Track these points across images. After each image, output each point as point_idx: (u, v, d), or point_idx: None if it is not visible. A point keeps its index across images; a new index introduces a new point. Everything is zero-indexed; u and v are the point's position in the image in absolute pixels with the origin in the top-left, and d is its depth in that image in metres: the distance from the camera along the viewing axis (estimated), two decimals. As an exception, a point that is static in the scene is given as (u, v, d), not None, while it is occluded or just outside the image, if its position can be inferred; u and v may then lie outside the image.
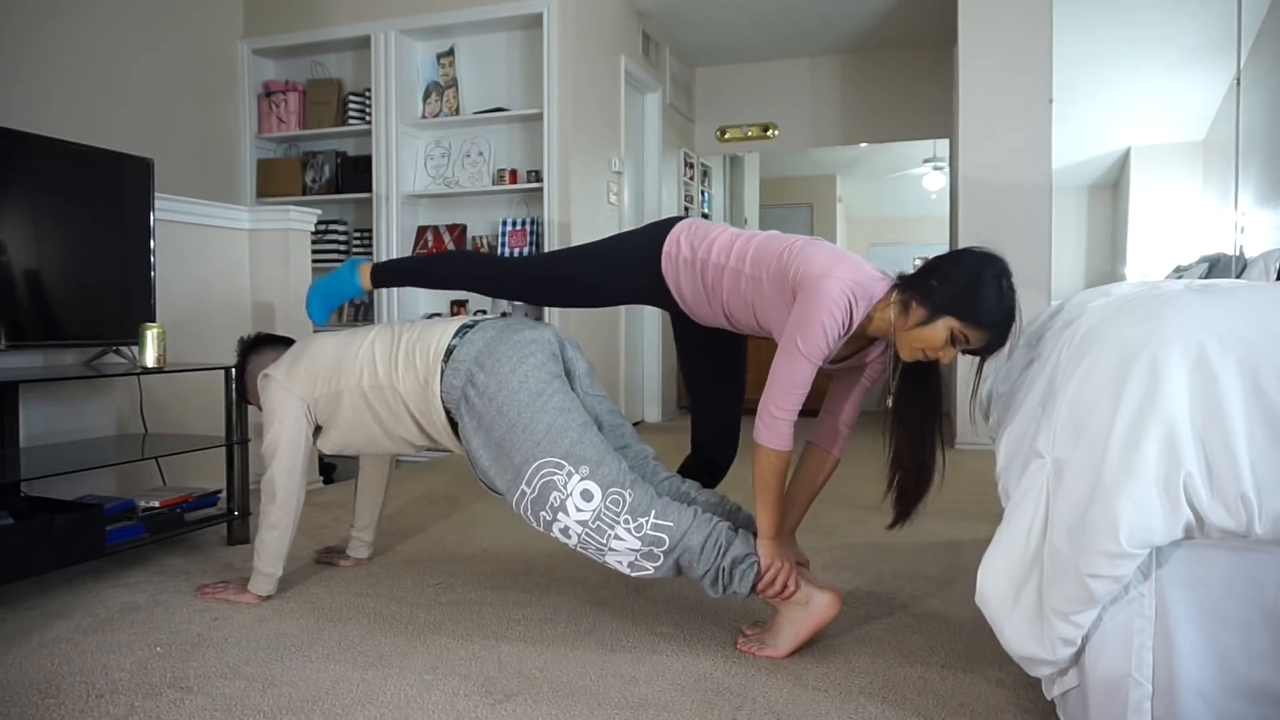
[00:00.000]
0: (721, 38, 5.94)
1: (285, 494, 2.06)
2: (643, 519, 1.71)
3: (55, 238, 2.61)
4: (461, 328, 1.94)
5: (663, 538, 1.71)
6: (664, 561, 1.72)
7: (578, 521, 1.72)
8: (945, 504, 3.20)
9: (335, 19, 4.79)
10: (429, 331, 1.97)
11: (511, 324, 1.95)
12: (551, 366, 1.88)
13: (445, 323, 1.99)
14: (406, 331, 2.00)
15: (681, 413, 6.19)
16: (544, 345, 1.90)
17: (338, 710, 1.55)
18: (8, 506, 2.25)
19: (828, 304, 1.67)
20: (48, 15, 3.78)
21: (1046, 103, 4.40)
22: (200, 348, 3.21)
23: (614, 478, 1.74)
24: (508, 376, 1.82)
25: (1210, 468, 1.13)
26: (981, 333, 1.66)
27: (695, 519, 1.74)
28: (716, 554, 1.73)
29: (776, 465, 1.73)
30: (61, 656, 1.79)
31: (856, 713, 1.54)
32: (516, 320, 1.98)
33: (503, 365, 1.83)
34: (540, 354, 1.88)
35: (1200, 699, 1.19)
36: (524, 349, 1.86)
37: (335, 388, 2.01)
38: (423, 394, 1.91)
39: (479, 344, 1.88)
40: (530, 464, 1.75)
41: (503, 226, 4.63)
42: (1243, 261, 3.65)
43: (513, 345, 1.87)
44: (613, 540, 1.72)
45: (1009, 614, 1.29)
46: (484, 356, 1.85)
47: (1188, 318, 1.21)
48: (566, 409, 1.80)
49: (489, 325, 1.94)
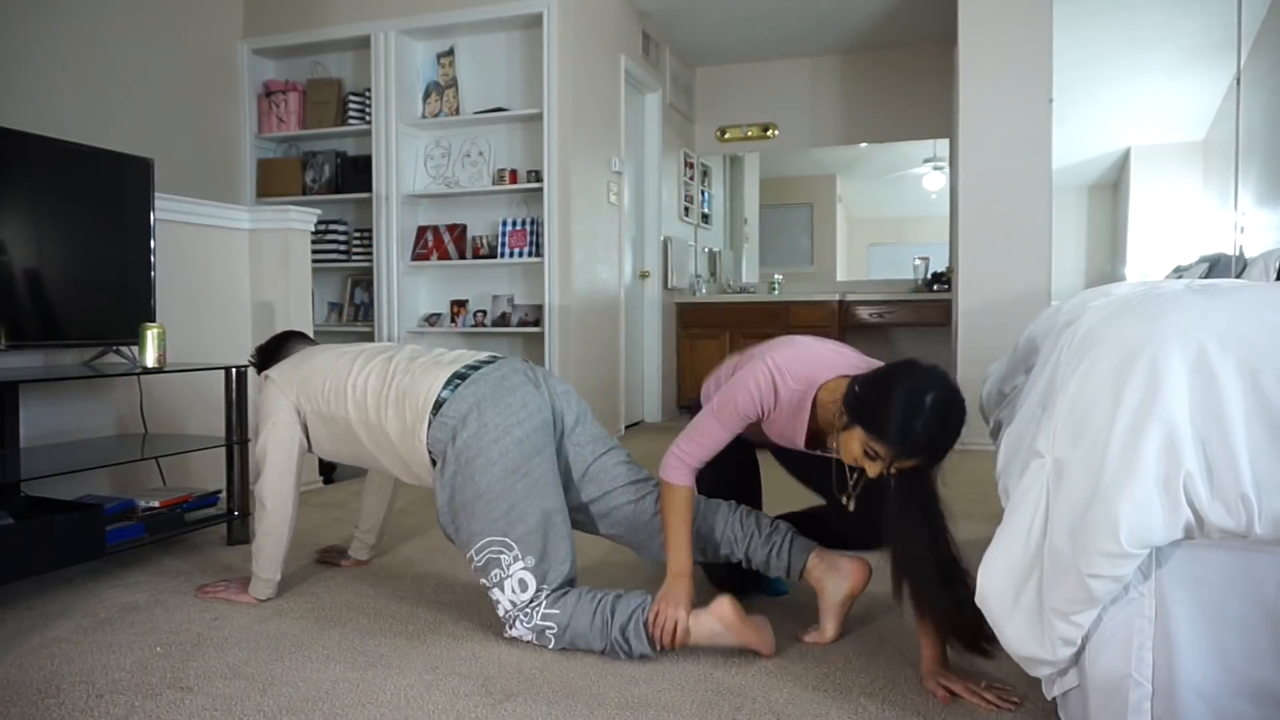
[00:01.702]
0: (721, 38, 5.94)
1: (278, 499, 2.05)
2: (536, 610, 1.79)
3: (55, 238, 2.61)
4: (454, 377, 1.90)
5: (550, 626, 1.79)
6: (557, 643, 1.79)
7: (510, 601, 1.80)
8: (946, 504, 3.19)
9: (335, 19, 4.79)
10: (422, 377, 1.92)
11: (506, 380, 1.89)
12: (536, 439, 1.85)
13: (438, 368, 1.93)
14: (400, 372, 1.96)
15: (681, 413, 6.19)
16: (535, 412, 1.87)
17: (338, 710, 1.55)
18: (8, 506, 2.25)
19: (751, 378, 1.77)
20: (48, 15, 3.78)
21: (1046, 103, 4.40)
22: (200, 348, 3.21)
23: (549, 579, 1.80)
24: (490, 445, 1.80)
25: (1210, 468, 1.13)
26: (889, 450, 1.54)
27: (578, 602, 1.78)
28: (604, 628, 1.75)
29: (674, 499, 1.80)
30: (62, 656, 1.79)
31: (856, 713, 1.54)
32: (510, 374, 1.92)
33: (488, 431, 1.81)
34: (529, 422, 1.85)
35: (1200, 699, 1.19)
36: (513, 414, 1.84)
37: (327, 410, 2.00)
38: (409, 440, 1.90)
39: (469, 401, 1.84)
40: (482, 538, 1.79)
41: (503, 226, 4.63)
42: (1243, 261, 3.65)
43: (503, 409, 1.84)
44: (520, 625, 1.81)
45: (1009, 614, 1.29)
46: (472, 416, 1.82)
47: (1188, 318, 1.21)
48: (534, 493, 1.81)
49: (483, 379, 1.88)
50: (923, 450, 1.55)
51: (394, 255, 4.67)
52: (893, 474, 1.58)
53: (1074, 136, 6.53)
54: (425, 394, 1.88)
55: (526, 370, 1.97)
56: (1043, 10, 4.39)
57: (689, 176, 6.38)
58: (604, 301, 4.95)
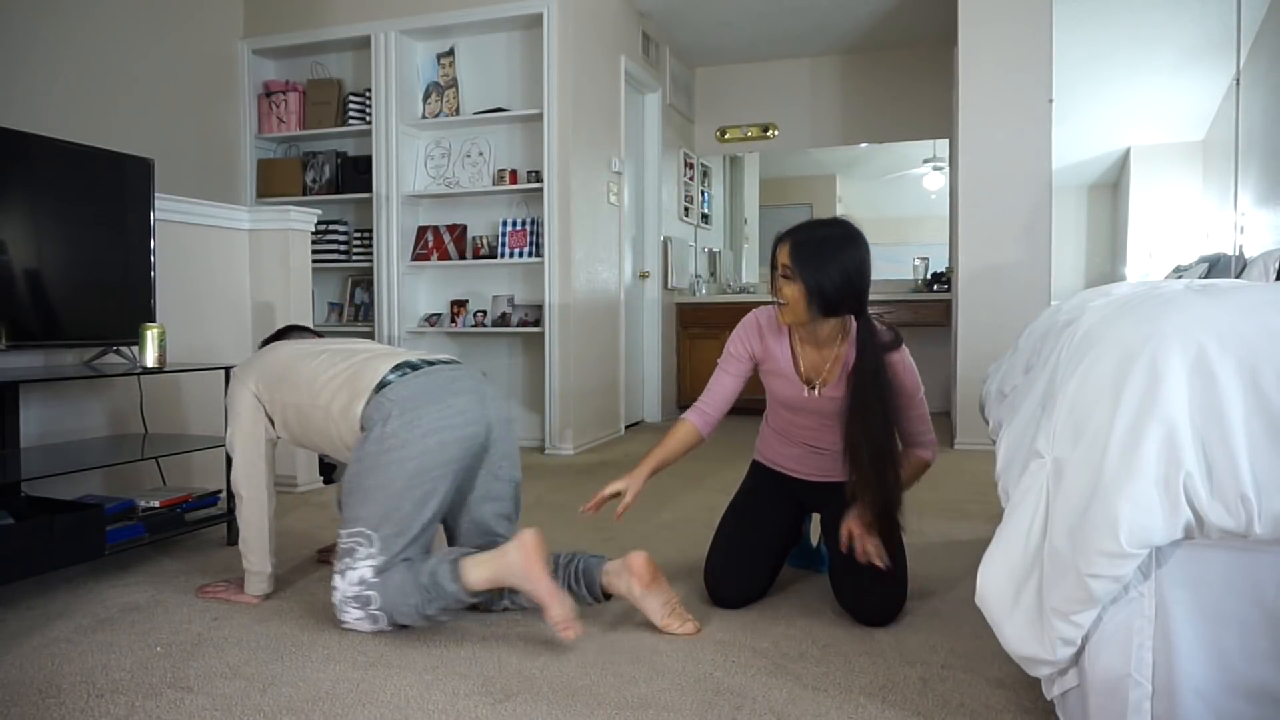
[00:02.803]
0: (721, 38, 5.94)
1: (250, 488, 2.09)
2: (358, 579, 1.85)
3: (55, 238, 2.61)
4: (405, 365, 1.95)
5: (372, 594, 1.83)
6: (380, 615, 1.84)
7: (343, 591, 1.85)
8: (945, 504, 3.20)
9: (335, 19, 4.79)
10: (373, 362, 1.97)
11: (455, 383, 1.94)
12: (455, 450, 1.88)
13: (392, 357, 2.00)
14: (357, 361, 2.00)
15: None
16: (469, 423, 1.91)
17: (338, 710, 1.55)
18: (8, 506, 2.25)
19: (740, 326, 2.16)
20: (48, 15, 3.78)
21: (1046, 103, 4.40)
22: (200, 348, 3.21)
23: (382, 566, 1.83)
24: (415, 440, 1.84)
25: (1210, 468, 1.13)
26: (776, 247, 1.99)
27: (399, 572, 1.82)
28: (417, 577, 1.79)
29: (675, 426, 2.19)
30: (62, 656, 1.79)
31: (856, 713, 1.54)
32: (462, 378, 1.96)
33: (418, 425, 1.84)
34: (459, 430, 1.88)
35: (1200, 699, 1.19)
36: (448, 418, 1.87)
37: (282, 397, 2.04)
38: (345, 414, 1.93)
39: (413, 389, 1.89)
40: (357, 524, 1.85)
41: (503, 227, 4.63)
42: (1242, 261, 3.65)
43: (441, 408, 1.88)
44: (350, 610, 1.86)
45: (1009, 614, 1.29)
46: (409, 404, 1.86)
47: (1187, 318, 1.21)
48: (423, 504, 1.85)
49: (433, 374, 1.94)
50: (787, 233, 1.98)
51: (394, 255, 4.67)
52: (784, 273, 1.95)
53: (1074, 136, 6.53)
54: (372, 375, 1.93)
55: (479, 384, 2.00)
56: (1043, 10, 4.39)
57: (689, 176, 6.38)
58: (604, 301, 4.95)
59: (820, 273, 1.91)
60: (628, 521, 2.96)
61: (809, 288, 1.92)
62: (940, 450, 2.19)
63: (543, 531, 1.82)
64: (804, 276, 1.92)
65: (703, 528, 2.70)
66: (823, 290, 1.92)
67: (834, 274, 1.91)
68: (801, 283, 1.93)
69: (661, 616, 1.89)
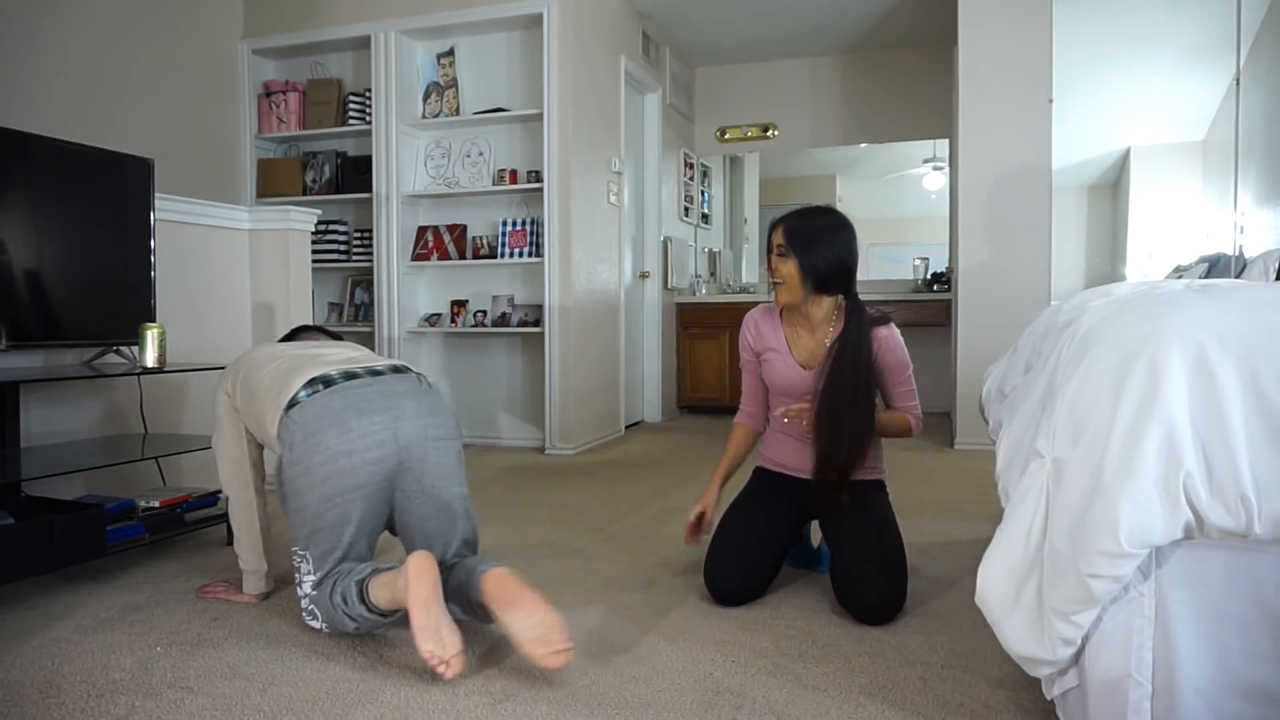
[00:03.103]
0: (721, 38, 5.94)
1: (235, 488, 2.10)
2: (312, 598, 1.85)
3: (55, 238, 2.61)
4: (319, 380, 1.85)
5: (313, 608, 1.85)
6: (322, 618, 1.83)
7: (304, 595, 1.87)
8: (945, 504, 3.20)
9: (335, 19, 4.79)
10: (297, 369, 1.90)
11: (364, 402, 1.83)
12: (360, 475, 1.79)
13: (314, 366, 1.91)
14: (293, 364, 1.94)
15: (681, 413, 6.19)
16: (372, 447, 1.80)
17: (338, 710, 1.55)
18: (8, 506, 2.25)
19: (741, 330, 2.34)
20: (47, 15, 3.78)
21: (1046, 103, 4.40)
22: (200, 348, 3.21)
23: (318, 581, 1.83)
24: (315, 468, 1.78)
25: (1210, 468, 1.13)
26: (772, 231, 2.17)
27: (327, 589, 1.81)
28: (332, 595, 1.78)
29: (730, 431, 2.38)
30: (62, 656, 1.79)
31: (856, 713, 1.54)
32: (375, 395, 1.85)
33: (317, 453, 1.78)
34: (361, 455, 1.79)
35: (1200, 699, 1.19)
36: (349, 442, 1.78)
37: (243, 404, 2.03)
38: (270, 428, 1.89)
39: (316, 411, 1.80)
40: (294, 543, 1.87)
41: (503, 227, 4.63)
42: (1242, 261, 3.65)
43: (342, 433, 1.78)
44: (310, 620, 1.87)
45: (1009, 614, 1.29)
46: (310, 428, 1.79)
47: (1187, 318, 1.21)
48: (342, 523, 1.80)
49: (341, 393, 1.83)
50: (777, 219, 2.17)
51: (394, 255, 4.67)
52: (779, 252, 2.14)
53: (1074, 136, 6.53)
54: (287, 388, 1.87)
55: (395, 400, 1.87)
56: (1043, 10, 4.39)
57: (689, 177, 6.38)
58: (604, 301, 4.95)
59: (814, 249, 2.11)
60: (629, 524, 2.97)
61: (803, 264, 2.11)
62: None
63: (432, 559, 1.66)
64: (798, 253, 2.11)
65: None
66: (815, 265, 2.10)
67: (825, 251, 2.11)
68: (796, 259, 2.11)
69: (524, 642, 1.61)
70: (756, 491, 2.29)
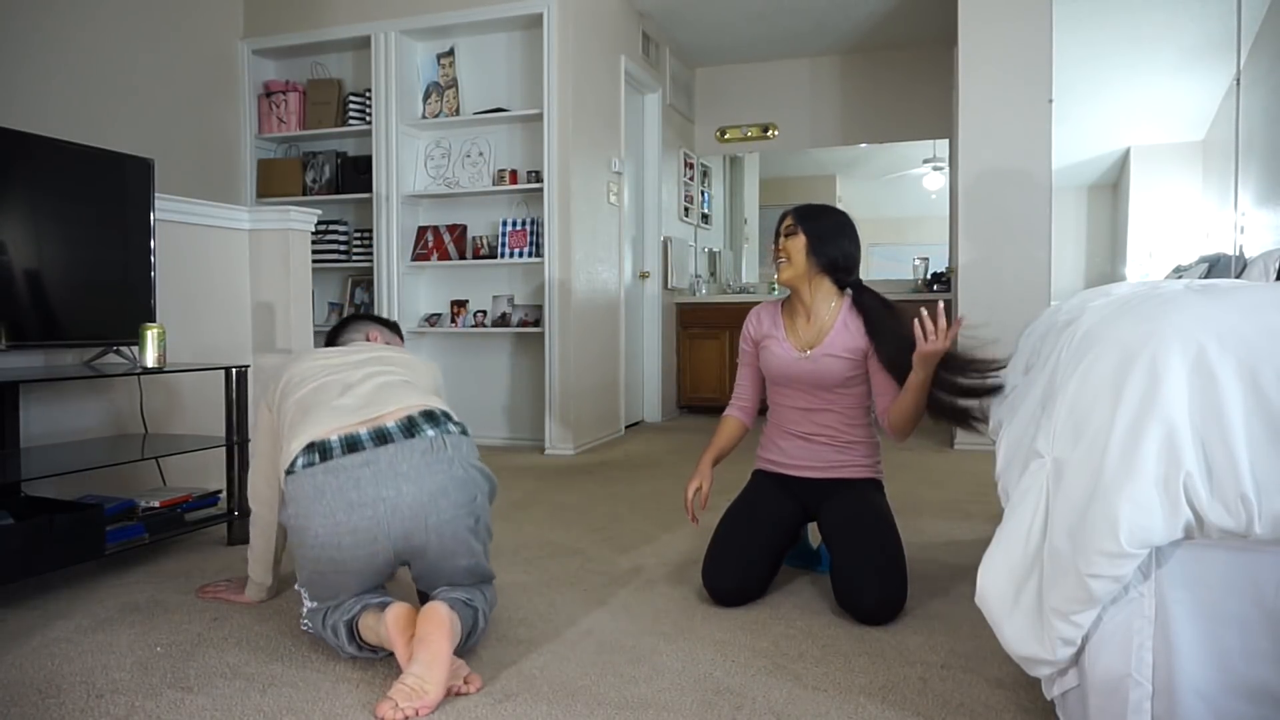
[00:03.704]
0: (721, 38, 5.94)
1: (259, 505, 2.05)
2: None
3: (55, 238, 2.61)
4: (312, 448, 1.70)
5: (313, 631, 1.81)
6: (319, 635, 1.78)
7: (304, 609, 1.82)
8: (945, 504, 3.20)
9: (335, 19, 4.79)
10: (305, 422, 1.76)
11: (356, 486, 1.66)
12: (352, 565, 1.69)
13: (318, 416, 1.76)
14: (316, 396, 1.83)
15: (681, 413, 6.19)
16: (363, 544, 1.67)
17: (338, 710, 1.55)
18: (8, 506, 2.25)
19: (744, 324, 2.39)
20: (48, 15, 3.78)
21: (1046, 103, 4.40)
22: (200, 348, 3.21)
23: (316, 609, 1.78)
24: (308, 546, 1.69)
25: (1210, 468, 1.13)
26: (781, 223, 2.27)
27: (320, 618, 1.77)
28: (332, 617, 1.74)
29: (721, 422, 2.39)
30: (62, 656, 1.79)
31: (856, 713, 1.54)
32: (366, 481, 1.67)
33: (308, 535, 1.68)
34: (354, 550, 1.68)
35: (1200, 699, 1.19)
36: (338, 538, 1.66)
37: (279, 419, 1.92)
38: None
39: (307, 491, 1.67)
40: (297, 573, 1.80)
41: (503, 227, 4.63)
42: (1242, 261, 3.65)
43: (330, 529, 1.66)
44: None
45: (1009, 614, 1.29)
46: (303, 507, 1.68)
47: (1187, 318, 1.21)
48: (337, 588, 1.74)
49: (334, 474, 1.67)
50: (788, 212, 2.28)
51: (394, 255, 4.67)
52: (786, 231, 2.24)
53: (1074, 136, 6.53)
54: (289, 446, 1.74)
55: (387, 489, 1.68)
56: (1043, 10, 4.39)
57: (689, 177, 6.38)
58: (604, 301, 4.95)
59: (820, 226, 2.21)
60: (629, 524, 2.97)
61: (809, 238, 2.20)
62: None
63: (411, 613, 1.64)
64: (805, 228, 2.21)
65: (703, 529, 2.70)
66: (822, 239, 2.20)
67: (831, 228, 2.22)
68: (803, 234, 2.20)
69: (398, 682, 1.53)
70: (755, 493, 2.29)
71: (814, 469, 2.25)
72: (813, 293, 2.24)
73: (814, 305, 2.24)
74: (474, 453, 1.83)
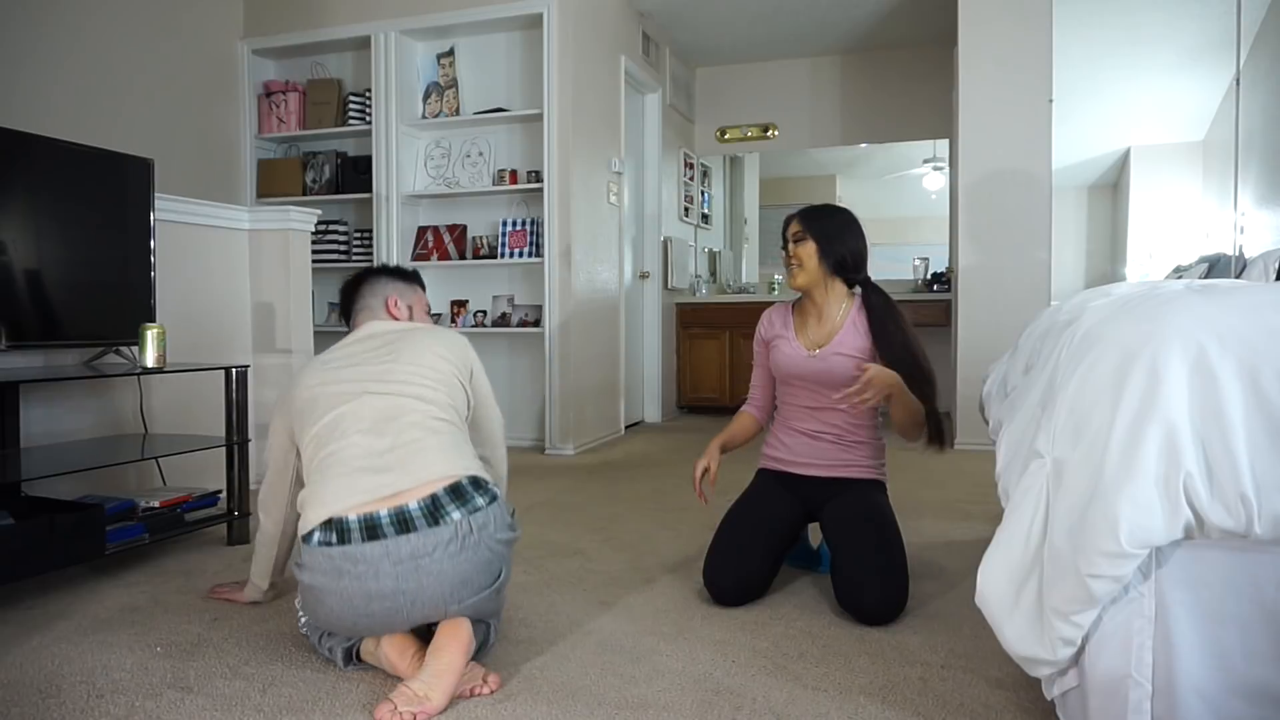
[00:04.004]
0: (721, 38, 5.94)
1: (265, 512, 2.00)
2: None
3: (55, 238, 2.61)
4: (329, 524, 1.61)
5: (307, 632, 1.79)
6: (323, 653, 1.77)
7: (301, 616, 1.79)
8: (945, 504, 3.20)
9: (335, 19, 4.79)
10: (328, 481, 1.66)
11: (374, 579, 1.57)
12: (368, 632, 1.66)
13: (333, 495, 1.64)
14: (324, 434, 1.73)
15: (681, 413, 6.19)
16: (377, 628, 1.63)
17: (338, 710, 1.55)
18: (8, 506, 2.25)
19: (757, 326, 2.43)
20: (48, 15, 3.78)
21: (1046, 103, 4.40)
22: (200, 348, 3.21)
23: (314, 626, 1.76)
24: (322, 613, 1.64)
25: (1210, 468, 1.13)
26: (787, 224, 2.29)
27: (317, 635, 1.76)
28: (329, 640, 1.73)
29: (739, 416, 2.42)
30: (62, 656, 1.79)
31: (856, 713, 1.54)
32: (388, 575, 1.57)
33: (320, 608, 1.63)
34: (368, 629, 1.64)
35: (1200, 699, 1.19)
36: (355, 624, 1.62)
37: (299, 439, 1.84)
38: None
39: (320, 575, 1.60)
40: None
41: (503, 227, 4.63)
42: (1242, 261, 3.65)
43: (348, 613, 1.60)
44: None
45: (1009, 614, 1.29)
46: (316, 588, 1.61)
47: (1188, 318, 1.21)
48: (343, 640, 1.72)
49: (350, 560, 1.58)
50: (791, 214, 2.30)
51: (394, 255, 4.67)
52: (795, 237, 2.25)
53: (1074, 136, 6.54)
54: (309, 516, 1.65)
55: (426, 570, 1.59)
56: (1043, 10, 4.39)
57: (689, 177, 6.38)
58: (604, 301, 4.95)
59: (829, 228, 2.24)
60: (629, 524, 2.97)
61: (819, 242, 2.22)
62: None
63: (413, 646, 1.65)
64: (814, 233, 2.23)
65: (703, 529, 2.70)
66: (831, 241, 2.22)
67: (839, 230, 2.24)
68: (813, 239, 2.23)
69: (405, 684, 1.54)
70: (758, 492, 2.29)
71: (818, 467, 2.25)
72: (826, 294, 2.27)
73: (826, 306, 2.27)
74: (503, 520, 1.71)
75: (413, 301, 2.12)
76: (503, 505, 1.74)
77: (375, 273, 2.13)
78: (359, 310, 2.07)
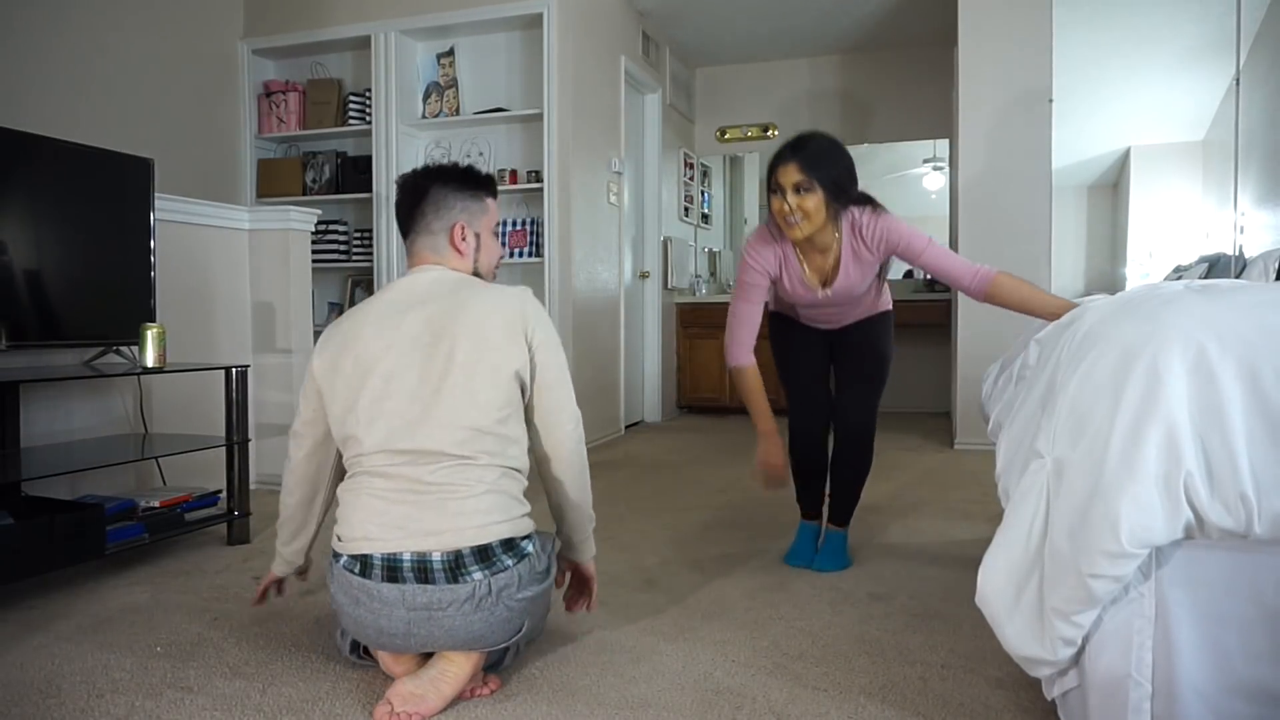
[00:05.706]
0: (721, 38, 5.94)
1: (293, 461, 1.79)
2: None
3: (55, 238, 2.61)
4: (360, 561, 1.57)
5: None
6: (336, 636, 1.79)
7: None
8: (945, 504, 3.20)
9: (335, 19, 4.79)
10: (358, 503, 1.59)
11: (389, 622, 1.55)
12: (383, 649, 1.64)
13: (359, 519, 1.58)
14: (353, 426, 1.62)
15: (681, 413, 6.19)
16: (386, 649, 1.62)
17: (338, 710, 1.55)
18: (8, 506, 2.25)
19: (748, 254, 2.29)
20: (48, 15, 3.78)
21: (1046, 103, 4.40)
22: (200, 348, 3.21)
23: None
24: (341, 618, 1.64)
25: (1210, 467, 1.13)
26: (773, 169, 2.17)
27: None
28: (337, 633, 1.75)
29: (738, 380, 2.32)
30: (62, 656, 1.79)
31: (856, 713, 1.54)
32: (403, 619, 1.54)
33: (342, 615, 1.62)
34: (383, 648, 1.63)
35: (1200, 699, 1.19)
36: (367, 640, 1.62)
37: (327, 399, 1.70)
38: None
39: (345, 588, 1.58)
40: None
41: (503, 227, 4.63)
42: (1242, 261, 3.65)
43: (361, 631, 1.60)
44: None
45: (1009, 614, 1.29)
46: (339, 595, 1.60)
47: (1188, 318, 1.21)
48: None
49: (368, 600, 1.55)
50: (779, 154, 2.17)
51: (394, 255, 4.67)
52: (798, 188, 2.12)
53: (1074, 136, 6.53)
54: (345, 528, 1.61)
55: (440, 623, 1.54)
56: (1043, 10, 4.39)
57: (689, 177, 6.38)
58: (604, 301, 4.95)
59: (833, 170, 2.13)
60: (629, 524, 2.97)
61: (827, 189, 2.12)
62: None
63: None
64: (821, 181, 2.12)
65: (703, 528, 2.70)
66: (838, 183, 2.14)
67: (838, 162, 2.16)
68: (821, 189, 2.12)
69: (397, 687, 1.55)
70: (789, 337, 2.50)
71: (834, 325, 2.46)
72: (825, 229, 2.20)
73: (819, 241, 2.23)
74: (531, 575, 1.62)
75: (481, 227, 1.82)
76: (535, 556, 1.64)
77: (443, 179, 1.79)
78: (417, 234, 1.78)
